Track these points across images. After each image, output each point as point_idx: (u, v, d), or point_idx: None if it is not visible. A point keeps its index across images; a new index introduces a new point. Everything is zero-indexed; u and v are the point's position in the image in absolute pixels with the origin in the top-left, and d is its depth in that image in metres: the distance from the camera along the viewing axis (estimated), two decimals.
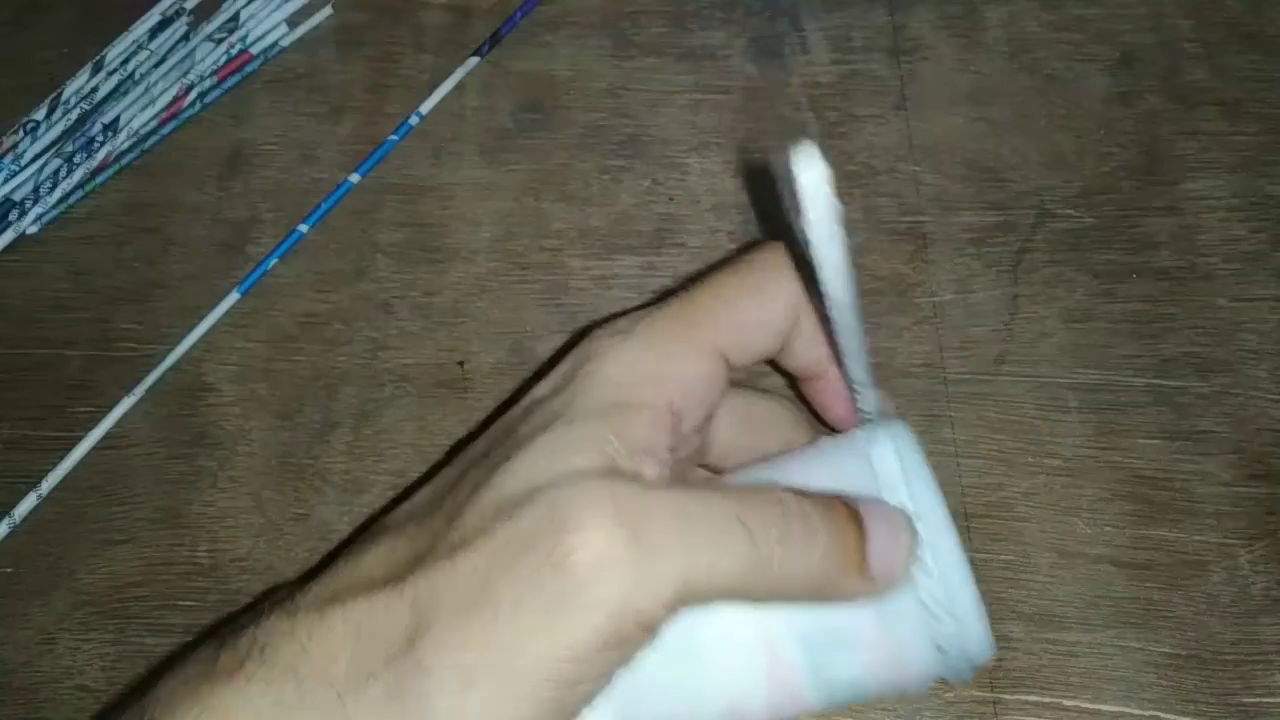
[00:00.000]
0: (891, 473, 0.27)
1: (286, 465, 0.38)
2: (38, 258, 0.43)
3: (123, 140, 0.45)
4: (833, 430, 0.32)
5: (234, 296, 0.42)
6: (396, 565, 0.25)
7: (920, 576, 0.26)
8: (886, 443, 0.28)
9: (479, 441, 0.28)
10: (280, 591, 0.28)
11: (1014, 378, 0.39)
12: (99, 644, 0.36)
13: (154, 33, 0.48)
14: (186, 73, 0.47)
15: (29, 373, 0.41)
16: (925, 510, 0.27)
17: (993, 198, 0.42)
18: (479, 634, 0.23)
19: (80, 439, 0.39)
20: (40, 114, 0.46)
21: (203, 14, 0.49)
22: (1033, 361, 0.39)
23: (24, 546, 0.37)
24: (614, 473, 0.25)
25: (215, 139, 0.46)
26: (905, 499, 0.27)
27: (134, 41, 0.48)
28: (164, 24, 0.48)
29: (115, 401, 0.40)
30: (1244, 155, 0.43)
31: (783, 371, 0.32)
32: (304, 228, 0.43)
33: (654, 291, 0.41)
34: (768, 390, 0.33)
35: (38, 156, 0.45)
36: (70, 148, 0.45)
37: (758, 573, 0.24)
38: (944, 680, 0.27)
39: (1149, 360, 0.39)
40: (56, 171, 0.44)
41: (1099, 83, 0.45)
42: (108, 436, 0.39)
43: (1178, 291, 0.40)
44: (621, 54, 0.47)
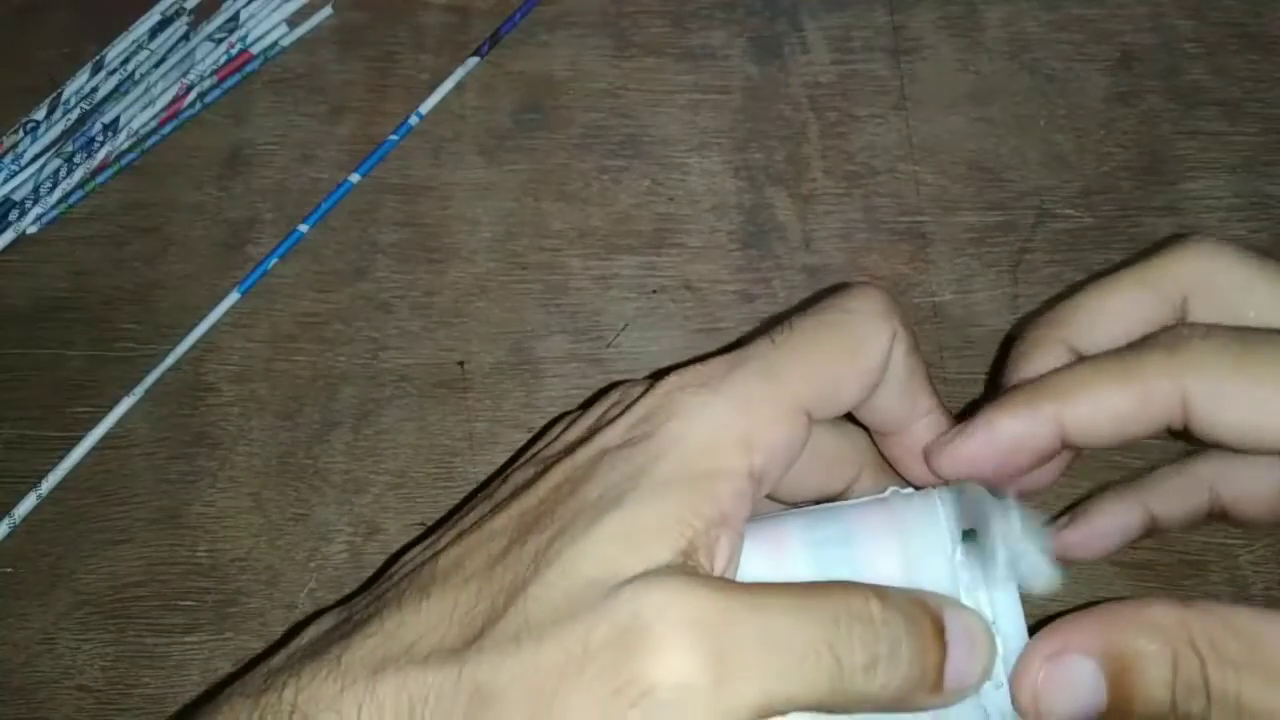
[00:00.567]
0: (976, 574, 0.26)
1: (286, 465, 0.38)
2: (38, 258, 0.43)
3: (123, 140, 0.45)
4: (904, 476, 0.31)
5: (234, 296, 0.42)
6: (452, 634, 0.23)
7: (987, 686, 0.25)
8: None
9: (537, 485, 0.26)
10: (323, 618, 0.27)
11: None
12: (99, 644, 0.36)
13: (154, 33, 0.48)
14: (186, 73, 0.47)
15: (29, 373, 0.41)
16: (1003, 615, 0.25)
17: (993, 198, 0.42)
18: None
19: (80, 439, 0.39)
20: (40, 114, 0.46)
21: (203, 14, 0.49)
22: None
23: (24, 546, 0.37)
24: (694, 570, 0.23)
25: (215, 139, 0.46)
26: (985, 601, 0.25)
27: (134, 41, 0.48)
28: (164, 24, 0.48)
29: (115, 401, 0.40)
30: (1244, 155, 0.43)
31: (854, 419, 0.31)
32: (304, 228, 0.43)
33: (654, 291, 0.41)
34: (842, 422, 0.31)
35: (38, 156, 0.45)
36: (70, 148, 0.45)
37: (837, 697, 0.23)
38: None
39: None
40: (56, 171, 0.44)
41: (1099, 83, 0.45)
42: (108, 436, 0.39)
43: None
44: (621, 54, 0.47)
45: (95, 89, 0.47)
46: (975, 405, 0.30)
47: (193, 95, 0.46)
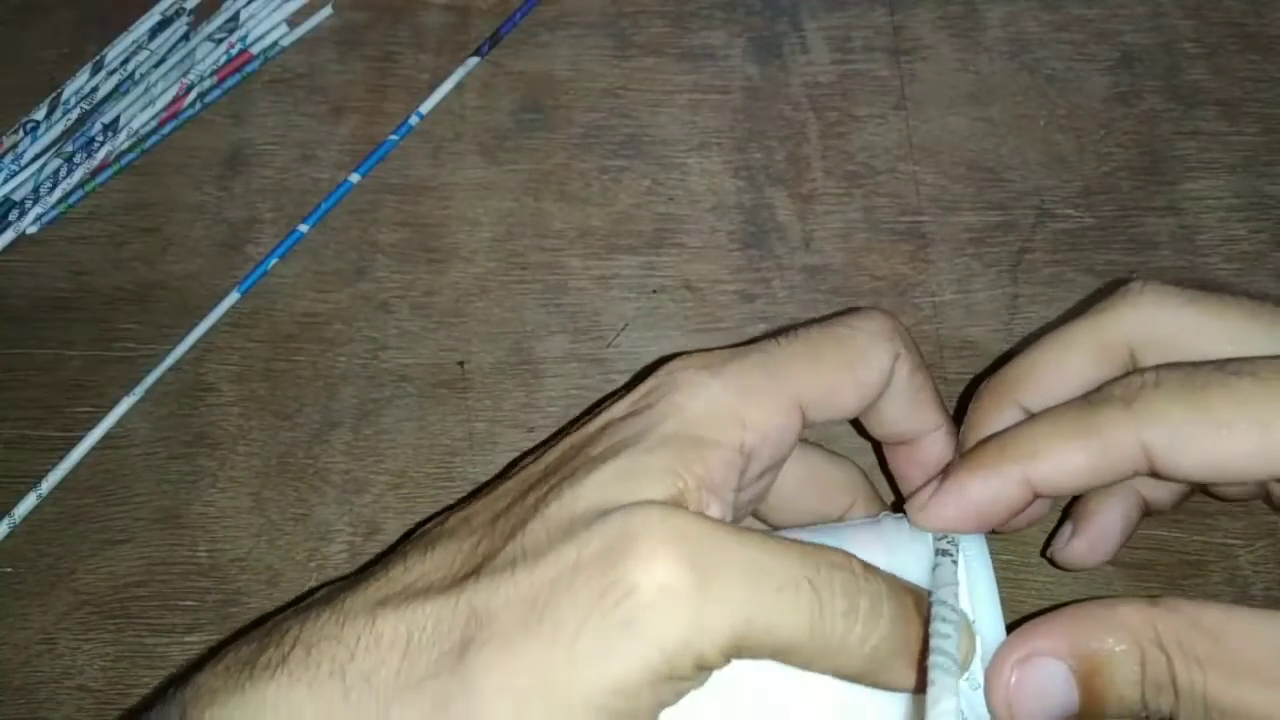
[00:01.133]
0: (955, 575, 0.26)
1: (286, 465, 0.38)
2: (38, 258, 0.43)
3: (123, 140, 0.45)
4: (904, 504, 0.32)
5: (234, 296, 0.42)
6: (452, 573, 0.25)
7: (964, 686, 0.25)
8: (950, 564, 0.27)
9: (544, 456, 0.28)
10: (324, 590, 0.27)
11: None
12: (99, 644, 0.36)
13: (154, 33, 0.48)
14: (186, 73, 0.47)
15: (29, 373, 0.41)
16: (983, 621, 0.26)
17: (993, 198, 0.42)
18: (533, 657, 0.23)
19: (80, 439, 0.39)
20: (40, 114, 0.46)
21: (203, 14, 0.49)
22: None
23: (24, 546, 0.37)
24: (683, 506, 0.24)
25: (215, 139, 0.46)
26: (966, 605, 0.26)
27: (134, 41, 0.48)
28: (164, 24, 0.48)
29: (115, 401, 0.40)
30: (1244, 155, 0.43)
31: (865, 435, 0.32)
32: (304, 228, 0.43)
33: (654, 291, 0.41)
34: (839, 454, 0.33)
35: (38, 156, 0.45)
36: (70, 148, 0.45)
37: (815, 640, 0.24)
38: None
39: None
40: (56, 171, 0.44)
41: (1099, 83, 0.45)
42: (108, 436, 0.39)
43: None
44: (621, 54, 0.47)
45: (95, 89, 0.47)
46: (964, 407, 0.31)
47: (193, 95, 0.46)
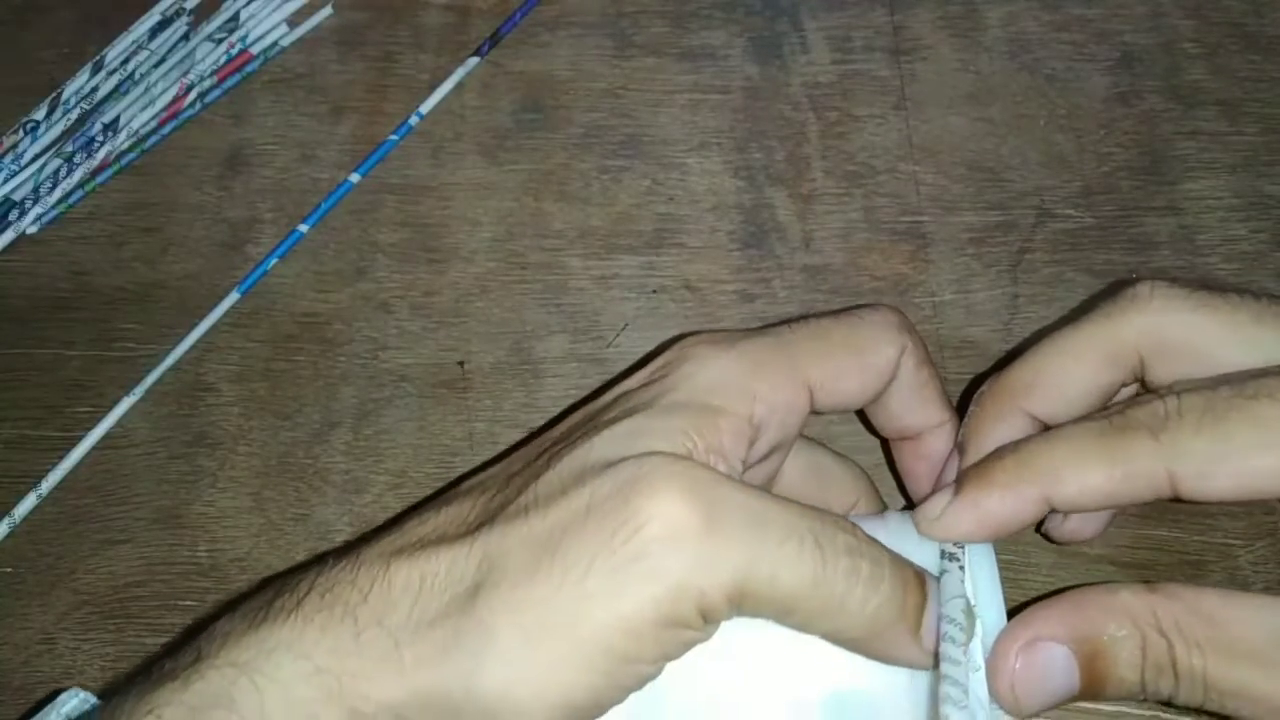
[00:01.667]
0: (963, 588, 0.26)
1: (286, 465, 0.38)
2: (38, 258, 0.43)
3: (123, 140, 0.45)
4: (909, 502, 0.32)
5: (234, 296, 0.42)
6: (466, 524, 0.25)
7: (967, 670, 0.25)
8: (957, 571, 0.27)
9: (560, 426, 0.28)
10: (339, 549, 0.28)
11: None
12: (99, 644, 0.36)
13: (154, 33, 0.48)
14: (186, 73, 0.47)
15: (29, 373, 0.41)
16: (985, 609, 0.26)
17: (993, 198, 0.42)
18: (543, 594, 0.23)
19: (80, 439, 0.39)
20: (40, 114, 0.46)
21: (203, 14, 0.49)
22: None
23: (24, 546, 0.37)
24: (692, 460, 0.25)
25: (215, 139, 0.46)
26: (970, 594, 0.26)
27: (134, 41, 0.48)
28: (164, 24, 0.48)
29: (115, 401, 0.39)
30: (1244, 155, 0.43)
31: (874, 433, 0.33)
32: (304, 228, 0.43)
33: (654, 291, 0.41)
34: (843, 454, 0.33)
35: (38, 156, 0.45)
36: (70, 148, 0.45)
37: (817, 595, 0.24)
38: None
39: None
40: (56, 171, 0.44)
41: (1099, 83, 0.45)
42: (108, 436, 0.39)
43: None
44: (621, 54, 0.47)
45: (95, 89, 0.47)
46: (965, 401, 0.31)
47: (193, 95, 0.46)
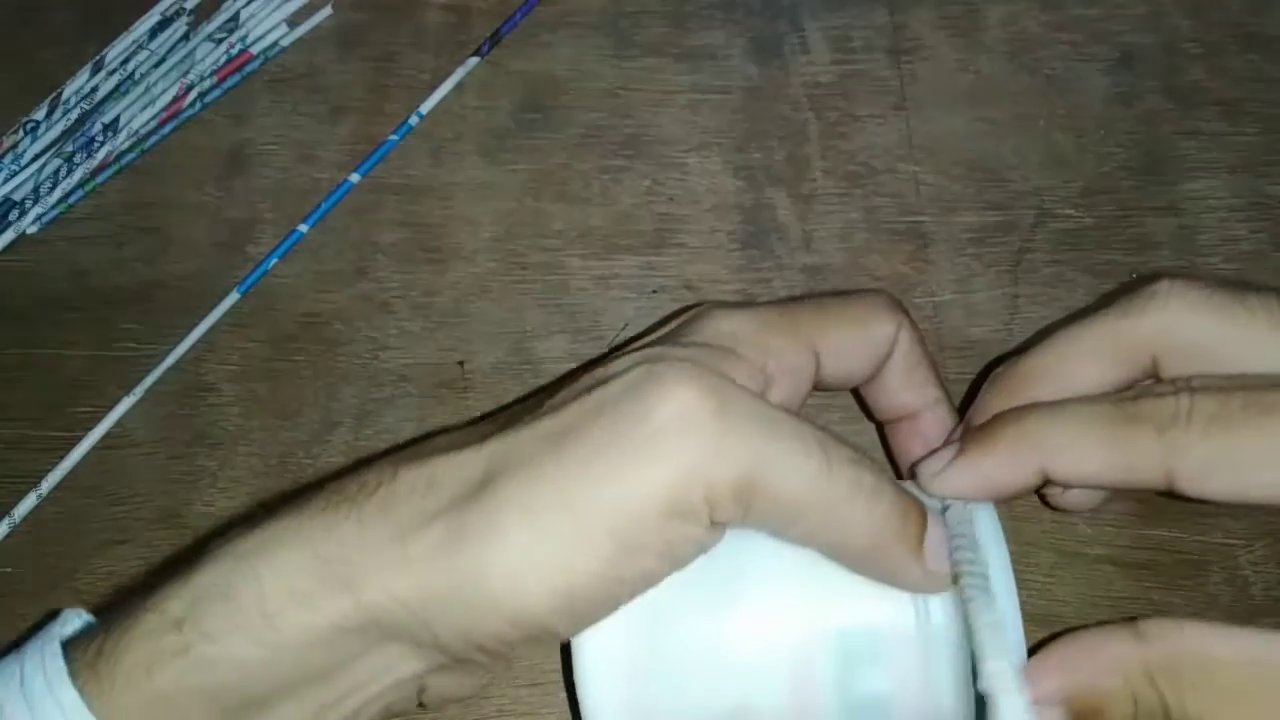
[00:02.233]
0: (968, 514, 0.27)
1: (286, 465, 0.38)
2: (38, 258, 0.43)
3: (123, 140, 0.45)
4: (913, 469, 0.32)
5: (234, 296, 0.42)
6: (480, 435, 0.26)
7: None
8: (962, 508, 0.27)
9: (577, 382, 0.29)
10: None
11: None
12: None
13: (154, 33, 0.48)
14: (186, 73, 0.47)
15: (29, 373, 0.41)
16: (992, 568, 0.26)
17: (993, 198, 0.42)
18: (549, 476, 0.24)
19: (80, 439, 0.39)
20: (40, 114, 0.46)
21: (203, 14, 0.49)
22: None
23: (24, 546, 0.37)
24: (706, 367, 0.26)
25: (215, 139, 0.46)
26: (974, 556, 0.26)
27: (134, 41, 0.48)
28: (164, 24, 0.48)
29: (115, 401, 0.39)
30: (1244, 155, 0.43)
31: (869, 416, 0.33)
32: (304, 228, 0.43)
33: (654, 291, 0.41)
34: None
35: (38, 156, 0.45)
36: (70, 148, 0.45)
37: (822, 500, 0.24)
38: None
39: None
40: (56, 171, 0.44)
41: (1099, 83, 0.45)
42: (108, 436, 0.39)
43: None
44: (621, 54, 0.47)
45: (95, 89, 0.47)
46: (970, 398, 0.31)
47: (193, 95, 0.46)
